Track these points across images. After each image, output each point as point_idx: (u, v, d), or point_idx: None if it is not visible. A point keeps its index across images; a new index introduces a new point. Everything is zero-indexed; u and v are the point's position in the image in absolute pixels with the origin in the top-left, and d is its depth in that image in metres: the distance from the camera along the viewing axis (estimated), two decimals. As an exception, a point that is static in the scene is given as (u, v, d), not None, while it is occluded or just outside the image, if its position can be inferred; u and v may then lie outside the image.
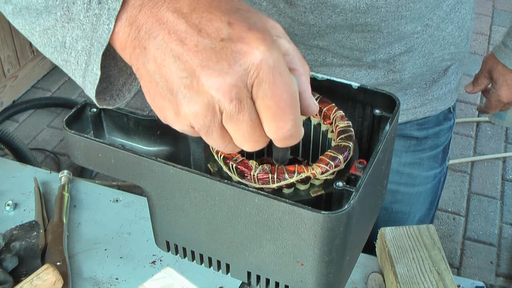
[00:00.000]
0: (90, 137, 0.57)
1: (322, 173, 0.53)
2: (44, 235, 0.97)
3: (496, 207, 2.37)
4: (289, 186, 0.54)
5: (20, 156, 2.16)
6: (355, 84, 0.61)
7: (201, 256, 0.59)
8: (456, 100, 1.11)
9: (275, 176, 0.53)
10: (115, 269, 0.95)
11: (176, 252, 0.61)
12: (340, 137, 0.57)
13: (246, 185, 0.53)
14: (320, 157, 0.55)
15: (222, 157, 0.55)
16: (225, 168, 0.55)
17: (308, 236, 0.49)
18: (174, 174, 0.53)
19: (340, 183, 0.52)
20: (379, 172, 0.59)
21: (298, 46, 0.89)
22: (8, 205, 1.03)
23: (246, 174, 0.54)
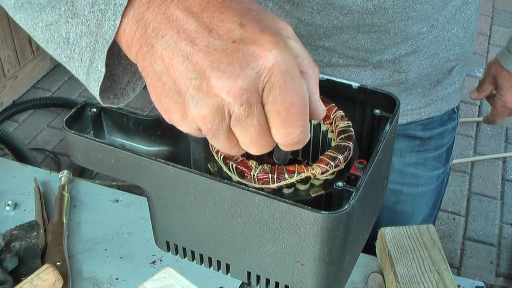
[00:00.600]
0: (90, 137, 0.57)
1: (322, 173, 0.53)
2: (44, 235, 0.97)
3: (496, 207, 2.37)
4: (289, 186, 0.54)
5: (20, 156, 2.16)
6: (355, 84, 0.61)
7: (201, 256, 0.59)
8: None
9: (275, 176, 0.53)
10: (115, 269, 0.95)
11: (176, 252, 0.61)
12: (340, 137, 0.57)
13: (246, 185, 0.53)
14: (320, 157, 0.55)
15: (222, 157, 0.55)
16: (225, 168, 0.55)
17: (308, 236, 0.49)
18: (174, 174, 0.53)
19: (340, 183, 0.52)
20: (379, 172, 0.59)
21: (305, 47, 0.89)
22: (8, 205, 1.03)
23: (246, 174, 0.54)
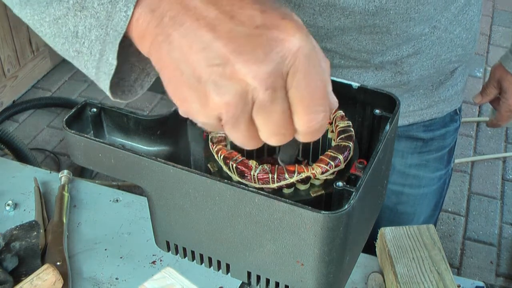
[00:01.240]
0: (90, 137, 0.57)
1: (322, 173, 0.53)
2: (44, 235, 0.96)
3: (496, 207, 2.37)
4: (289, 186, 0.54)
5: (20, 156, 2.16)
6: (355, 84, 0.61)
7: (201, 256, 0.59)
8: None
9: (275, 176, 0.53)
10: (115, 269, 0.95)
11: (176, 252, 0.61)
12: (340, 137, 0.57)
13: (246, 185, 0.53)
14: (320, 157, 0.55)
15: (222, 157, 0.55)
16: (225, 168, 0.55)
17: (308, 236, 0.49)
18: (174, 174, 0.53)
19: (340, 183, 0.52)
20: (379, 172, 0.59)
21: None
22: (8, 205, 1.03)
23: (246, 174, 0.54)
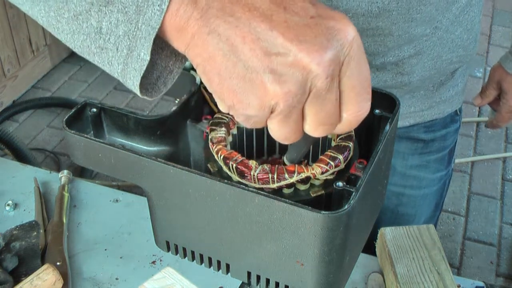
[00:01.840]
0: (90, 137, 0.57)
1: (322, 173, 0.53)
2: (44, 235, 0.96)
3: (496, 207, 2.37)
4: (289, 186, 0.54)
5: (20, 156, 2.16)
6: (355, 84, 0.61)
7: (201, 256, 0.59)
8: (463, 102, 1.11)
9: (275, 176, 0.53)
10: (115, 269, 0.95)
11: (176, 252, 0.61)
12: (340, 137, 0.57)
13: (246, 185, 0.53)
14: (320, 157, 0.55)
15: (222, 157, 0.55)
16: (225, 168, 0.55)
17: (308, 236, 0.49)
18: (174, 174, 0.53)
19: (340, 183, 0.52)
20: (379, 172, 0.59)
21: None
22: (8, 205, 1.03)
23: (246, 174, 0.54)
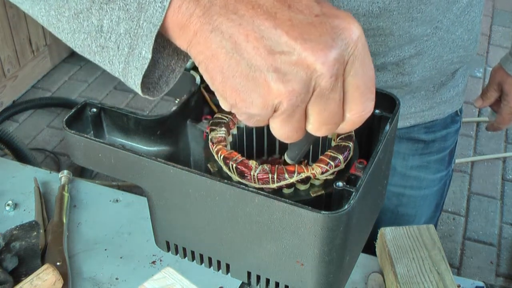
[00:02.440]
0: (90, 137, 0.57)
1: (322, 173, 0.53)
2: (44, 235, 0.96)
3: (496, 207, 2.37)
4: (289, 186, 0.54)
5: (20, 156, 2.16)
6: (355, 84, 0.61)
7: (201, 256, 0.59)
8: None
9: (275, 176, 0.53)
10: (115, 269, 0.95)
11: (176, 252, 0.61)
12: (340, 137, 0.57)
13: (246, 185, 0.53)
14: (320, 157, 0.55)
15: (222, 157, 0.55)
16: (225, 168, 0.55)
17: (308, 236, 0.49)
18: (174, 174, 0.52)
19: (340, 183, 0.52)
20: (379, 172, 0.59)
21: None
22: (8, 205, 1.03)
23: (246, 174, 0.54)
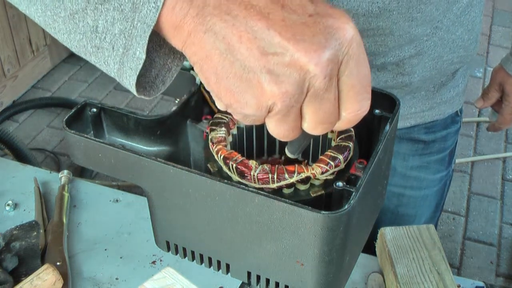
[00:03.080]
0: (90, 137, 0.57)
1: (322, 173, 0.53)
2: (44, 235, 0.96)
3: (496, 207, 2.37)
4: (289, 186, 0.54)
5: (20, 156, 2.16)
6: (355, 84, 0.61)
7: (201, 256, 0.59)
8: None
9: (275, 176, 0.53)
10: (115, 269, 0.95)
11: (176, 252, 0.61)
12: (340, 137, 0.57)
13: (246, 185, 0.53)
14: (320, 157, 0.55)
15: (222, 157, 0.55)
16: (225, 168, 0.55)
17: (308, 236, 0.49)
18: (174, 174, 0.52)
19: (340, 183, 0.52)
20: (379, 172, 0.59)
21: None
22: (8, 205, 1.03)
23: (246, 174, 0.54)
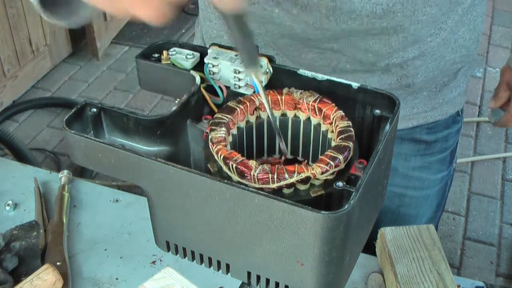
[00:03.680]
0: (90, 137, 0.57)
1: (322, 173, 0.53)
2: (44, 235, 0.96)
3: (496, 207, 2.37)
4: (289, 186, 0.54)
5: (20, 156, 2.16)
6: (355, 84, 0.61)
7: (201, 256, 0.59)
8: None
9: (275, 176, 0.53)
10: (115, 269, 0.95)
11: (176, 252, 0.61)
12: (340, 137, 0.57)
13: (246, 185, 0.53)
14: (320, 157, 0.55)
15: (222, 157, 0.55)
16: (225, 168, 0.55)
17: (308, 236, 0.49)
18: (174, 174, 0.53)
19: (340, 183, 0.52)
20: (379, 172, 0.59)
21: (312, 50, 0.88)
22: (8, 205, 1.03)
23: (246, 174, 0.54)
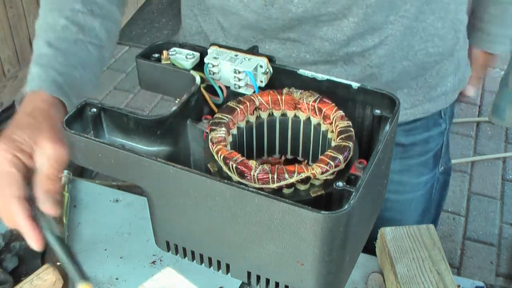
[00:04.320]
0: (90, 137, 0.57)
1: (322, 173, 0.53)
2: (44, 235, 0.96)
3: (496, 207, 2.37)
4: (289, 186, 0.54)
5: (20, 156, 2.16)
6: (355, 84, 0.61)
7: (201, 256, 0.59)
8: (454, 103, 1.07)
9: (275, 176, 0.53)
10: (115, 269, 0.95)
11: (176, 252, 0.61)
12: (340, 137, 0.57)
13: (246, 185, 0.53)
14: (320, 157, 0.55)
15: (222, 157, 0.55)
16: (225, 168, 0.55)
17: (308, 236, 0.49)
18: (174, 174, 0.53)
19: (340, 183, 0.52)
20: (379, 172, 0.59)
21: (272, 41, 0.89)
22: (8, 205, 1.03)
23: (246, 174, 0.54)
